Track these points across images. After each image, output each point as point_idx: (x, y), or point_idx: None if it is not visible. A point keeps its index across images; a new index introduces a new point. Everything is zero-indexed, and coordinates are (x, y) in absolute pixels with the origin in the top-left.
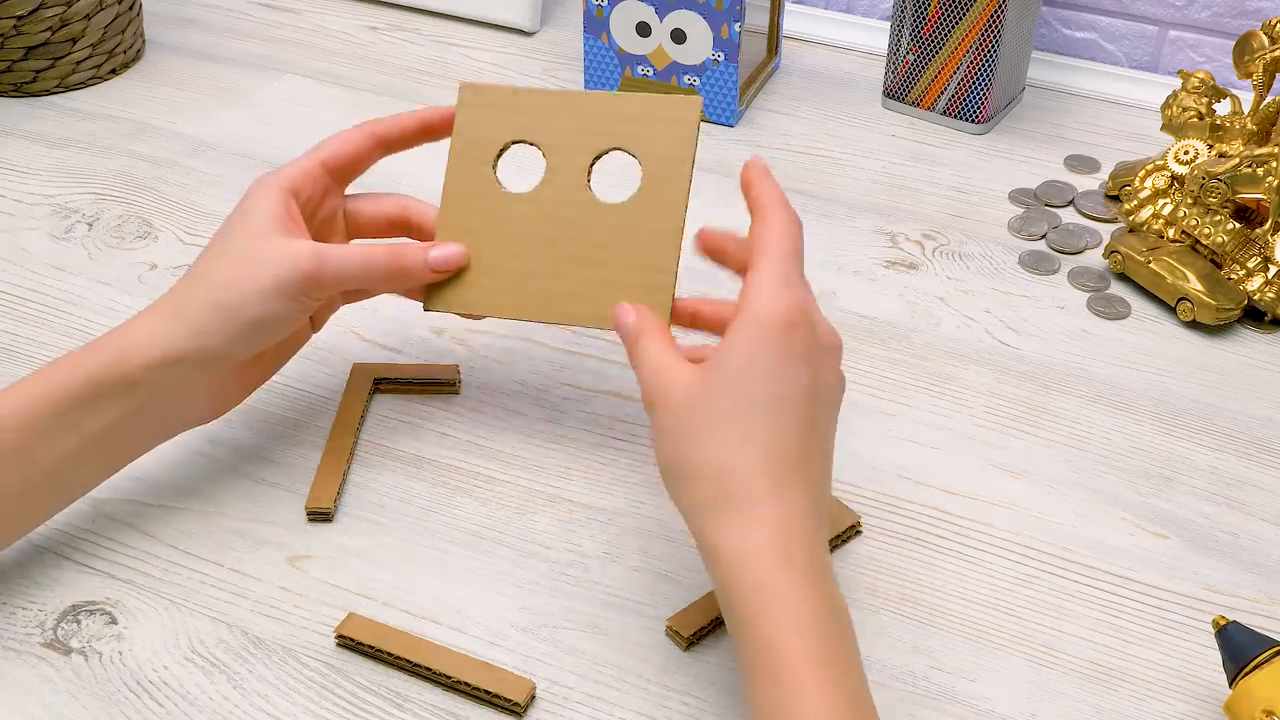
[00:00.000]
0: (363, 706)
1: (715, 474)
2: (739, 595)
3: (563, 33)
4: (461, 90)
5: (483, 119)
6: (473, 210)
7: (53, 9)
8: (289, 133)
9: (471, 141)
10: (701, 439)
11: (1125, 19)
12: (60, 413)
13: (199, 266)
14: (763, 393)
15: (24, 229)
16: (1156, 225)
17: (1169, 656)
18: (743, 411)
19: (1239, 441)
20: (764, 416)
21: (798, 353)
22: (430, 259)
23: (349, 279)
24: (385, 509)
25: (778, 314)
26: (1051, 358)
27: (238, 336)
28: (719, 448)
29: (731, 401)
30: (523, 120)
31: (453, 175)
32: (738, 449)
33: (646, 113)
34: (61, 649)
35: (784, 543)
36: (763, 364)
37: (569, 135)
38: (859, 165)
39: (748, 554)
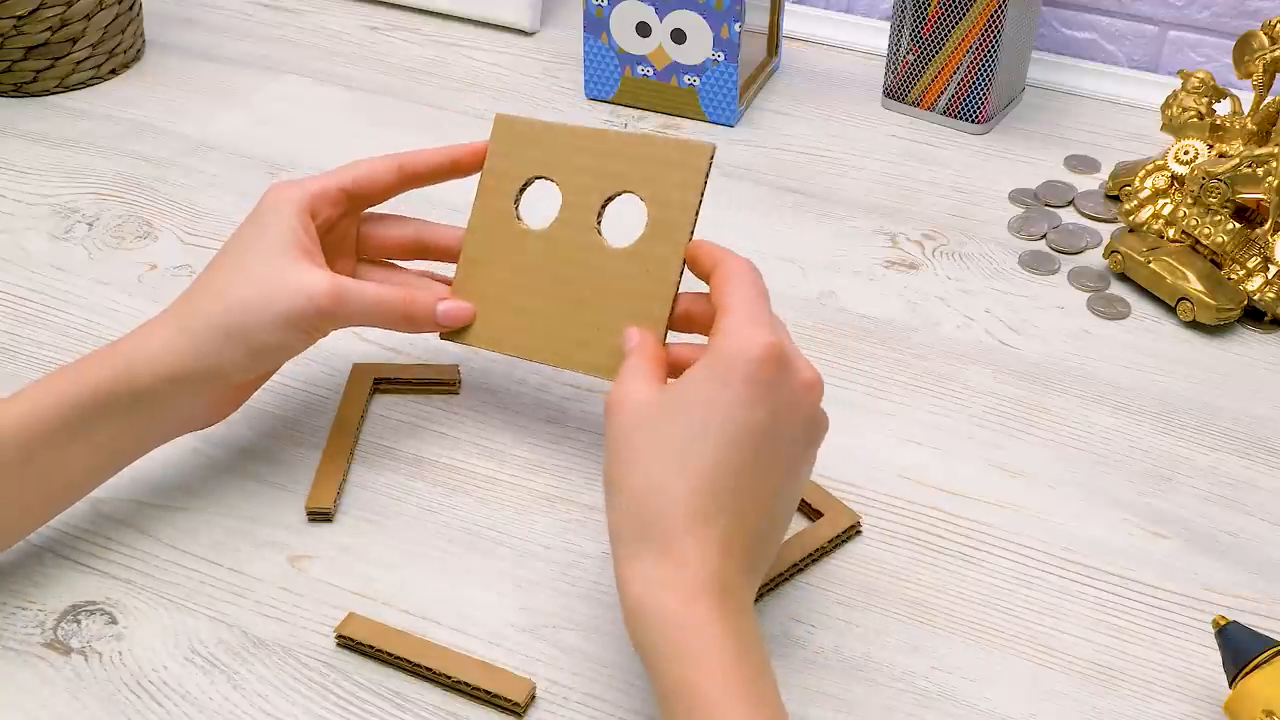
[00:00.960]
0: (363, 706)
1: (640, 498)
2: (648, 632)
3: (563, 33)
4: (496, 120)
5: (511, 151)
6: (493, 243)
7: (53, 9)
8: (289, 133)
9: (499, 174)
10: (638, 460)
11: (1125, 19)
12: (64, 424)
13: (212, 279)
14: (711, 428)
15: (24, 229)
16: (1156, 225)
17: (1169, 656)
18: (684, 444)
19: (1239, 441)
20: (704, 452)
21: (760, 394)
22: (439, 313)
23: (360, 319)
24: (385, 509)
25: (746, 352)
26: (1051, 358)
27: (243, 361)
28: (650, 475)
29: (676, 430)
30: (547, 156)
31: (479, 206)
32: (668, 478)
33: (659, 156)
34: (61, 649)
35: (696, 581)
36: (720, 400)
37: (586, 174)
38: (859, 165)
39: (658, 588)
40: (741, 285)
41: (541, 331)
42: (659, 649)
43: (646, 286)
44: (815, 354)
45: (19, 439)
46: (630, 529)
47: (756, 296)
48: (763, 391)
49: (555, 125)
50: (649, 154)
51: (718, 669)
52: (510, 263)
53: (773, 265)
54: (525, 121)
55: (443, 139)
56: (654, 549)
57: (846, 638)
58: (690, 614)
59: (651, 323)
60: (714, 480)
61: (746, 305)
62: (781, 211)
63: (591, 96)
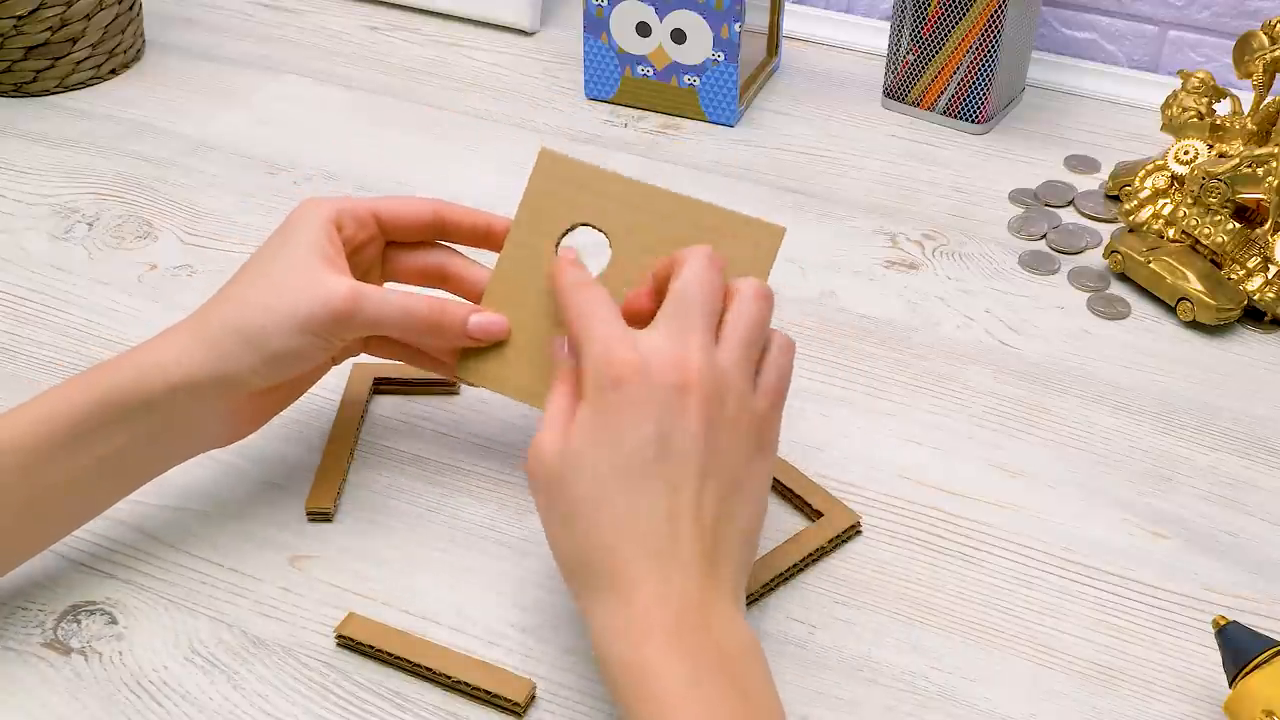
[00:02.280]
0: (363, 706)
1: (580, 567)
2: (608, 679)
3: (563, 33)
4: (540, 155)
5: (556, 190)
6: (525, 284)
7: (53, 9)
8: (289, 133)
9: (538, 212)
10: (568, 523)
11: (1125, 19)
12: (72, 433)
13: (233, 287)
14: (622, 466)
15: (24, 229)
16: (1156, 225)
17: (1169, 656)
18: (604, 493)
19: (1239, 441)
20: (615, 493)
21: (676, 418)
22: (471, 324)
23: (384, 324)
24: (385, 509)
25: (660, 378)
26: (1051, 358)
27: (258, 366)
28: (576, 537)
29: (586, 482)
30: (597, 203)
31: (513, 241)
32: (599, 540)
33: (728, 230)
34: (61, 649)
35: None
36: (603, 438)
37: (640, 231)
38: (859, 165)
39: (610, 636)
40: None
41: None
42: (621, 695)
43: None
44: (815, 354)
45: (26, 445)
46: (584, 595)
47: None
48: (677, 418)
49: (608, 173)
50: (717, 226)
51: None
52: (542, 308)
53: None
54: (574, 163)
55: (443, 139)
56: (601, 595)
57: (846, 638)
58: (640, 659)
59: None
60: (633, 515)
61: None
62: (781, 211)
63: (591, 96)
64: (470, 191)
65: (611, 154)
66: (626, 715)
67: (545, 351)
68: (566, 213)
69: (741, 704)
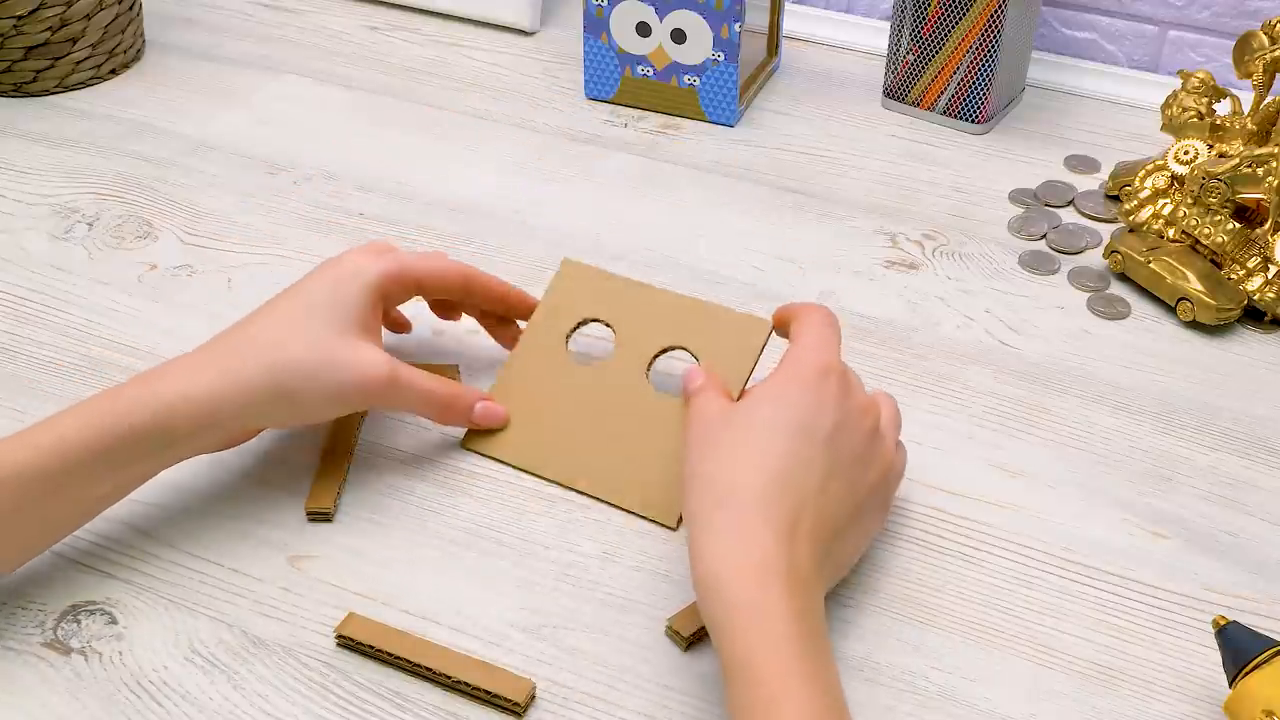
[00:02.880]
0: (363, 706)
1: (715, 480)
2: (716, 606)
3: (563, 33)
4: (563, 264)
5: (572, 290)
6: (538, 371)
7: (53, 9)
8: (289, 133)
9: (554, 309)
10: (718, 450)
11: (1125, 19)
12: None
13: (265, 329)
14: (780, 423)
15: (24, 229)
16: (1156, 225)
17: (1169, 656)
18: (759, 435)
19: (1239, 441)
20: (776, 442)
21: (825, 399)
22: (476, 410)
23: (407, 404)
24: (385, 509)
25: (813, 364)
26: (1051, 358)
27: (284, 419)
28: (726, 462)
29: (751, 425)
30: (606, 301)
31: (530, 334)
32: (743, 466)
33: (718, 324)
34: (61, 649)
35: (765, 561)
36: (788, 398)
37: (643, 325)
38: (859, 165)
39: (727, 563)
40: (812, 322)
41: (570, 459)
42: (725, 624)
43: None
44: None
45: (49, 469)
46: (704, 506)
47: (825, 328)
48: (826, 399)
49: (619, 277)
50: (709, 321)
51: (780, 651)
52: (551, 390)
53: (773, 265)
54: (591, 269)
55: (443, 139)
56: (726, 524)
57: (847, 638)
58: (757, 593)
59: None
60: (783, 469)
61: (815, 332)
62: (781, 211)
63: (591, 96)
64: (470, 191)
65: (611, 154)
66: (727, 646)
67: (550, 429)
68: (579, 309)
69: (835, 678)
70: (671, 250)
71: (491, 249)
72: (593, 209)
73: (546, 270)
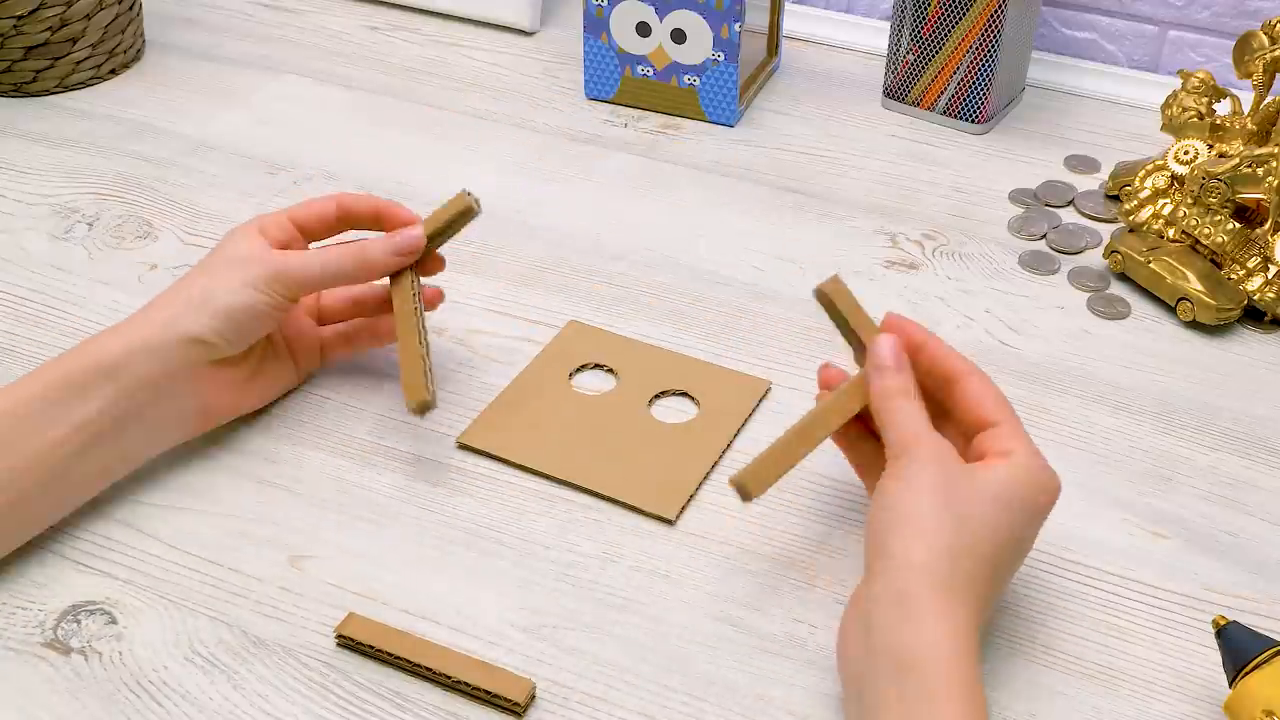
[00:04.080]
0: (363, 706)
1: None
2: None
3: (563, 32)
4: (567, 326)
5: (575, 341)
6: (537, 394)
7: (53, 9)
8: (289, 133)
9: (556, 355)
10: (950, 512)
11: (1125, 19)
12: (42, 403)
13: (189, 274)
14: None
15: (24, 229)
16: (1156, 225)
17: (1169, 656)
18: (983, 533)
19: (1239, 441)
20: (995, 552)
21: (1040, 523)
22: (394, 245)
23: (316, 271)
24: (385, 509)
25: (1047, 493)
26: (1051, 358)
27: (213, 323)
28: (960, 536)
29: (980, 517)
30: (609, 352)
31: (529, 372)
32: (968, 552)
33: (720, 379)
34: (61, 649)
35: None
36: (1018, 522)
37: (646, 371)
38: (859, 165)
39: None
40: (1006, 404)
41: (567, 453)
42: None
43: (688, 459)
44: (816, 354)
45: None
46: (937, 574)
47: (1018, 418)
48: (1042, 521)
49: (621, 336)
50: (711, 375)
51: None
52: (553, 410)
53: (773, 265)
54: (594, 329)
55: (443, 139)
56: (953, 602)
57: None
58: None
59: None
60: (995, 577)
61: (1023, 431)
62: (781, 211)
63: (591, 96)
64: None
65: (611, 154)
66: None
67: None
68: (583, 352)
69: None
70: (671, 250)
71: (491, 249)
72: (593, 209)
73: (547, 270)
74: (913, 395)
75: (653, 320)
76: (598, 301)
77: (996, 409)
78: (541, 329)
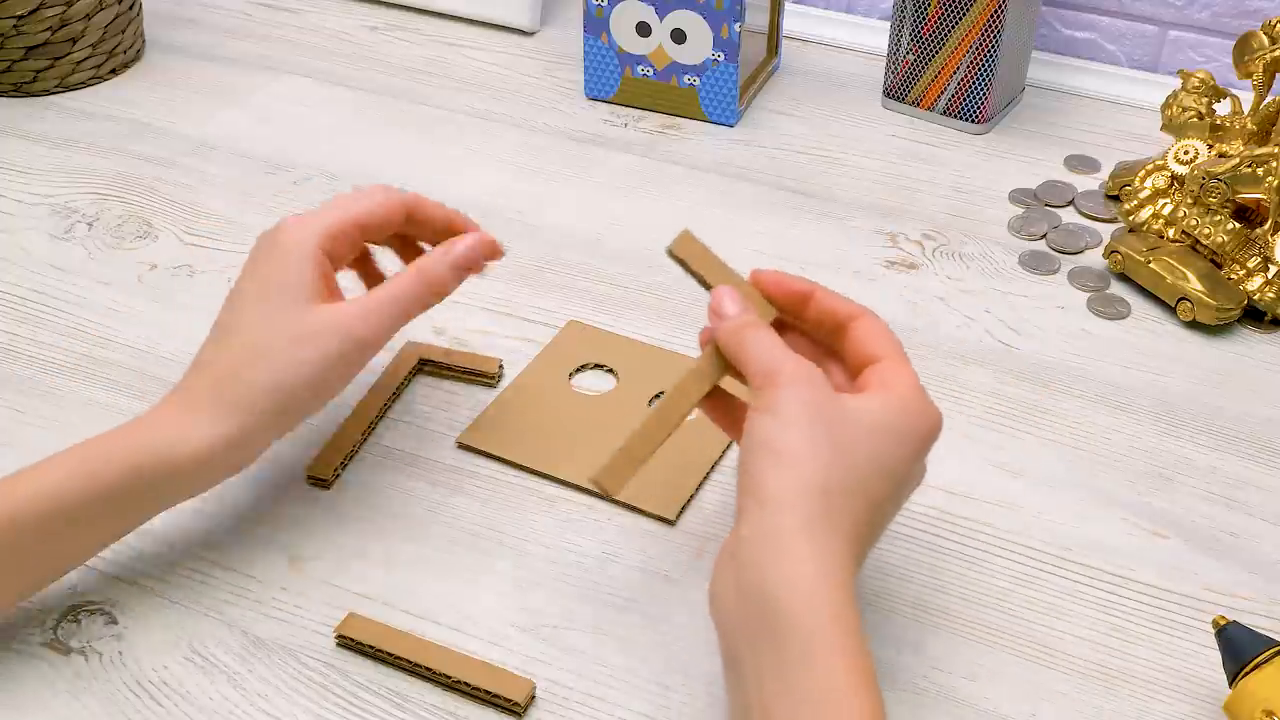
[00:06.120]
0: (363, 706)
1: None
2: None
3: (563, 32)
4: (568, 324)
5: (575, 341)
6: (537, 395)
7: (53, 9)
8: (289, 133)
9: (555, 356)
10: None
11: (1125, 19)
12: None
13: (243, 340)
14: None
15: (24, 229)
16: (1156, 225)
17: (1169, 656)
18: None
19: (1239, 441)
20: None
21: (922, 457)
22: (453, 258)
23: (395, 327)
24: (385, 509)
25: (929, 427)
26: (1051, 358)
27: (290, 426)
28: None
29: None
30: (609, 351)
31: (529, 372)
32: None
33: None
34: (61, 649)
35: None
36: (899, 454)
37: (646, 371)
38: (859, 165)
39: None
40: (894, 340)
41: (567, 452)
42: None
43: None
44: None
45: (39, 514)
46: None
47: (905, 353)
48: (922, 456)
49: (622, 336)
50: None
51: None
52: (551, 406)
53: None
54: (596, 330)
55: (443, 139)
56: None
57: None
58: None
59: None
60: (875, 514)
61: (909, 364)
62: (781, 211)
63: (591, 96)
64: (470, 191)
65: (611, 154)
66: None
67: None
68: (581, 357)
69: None
70: None
71: None
72: (593, 209)
73: (546, 270)
74: (761, 325)
75: (652, 320)
76: (598, 301)
77: (882, 345)
78: (541, 329)
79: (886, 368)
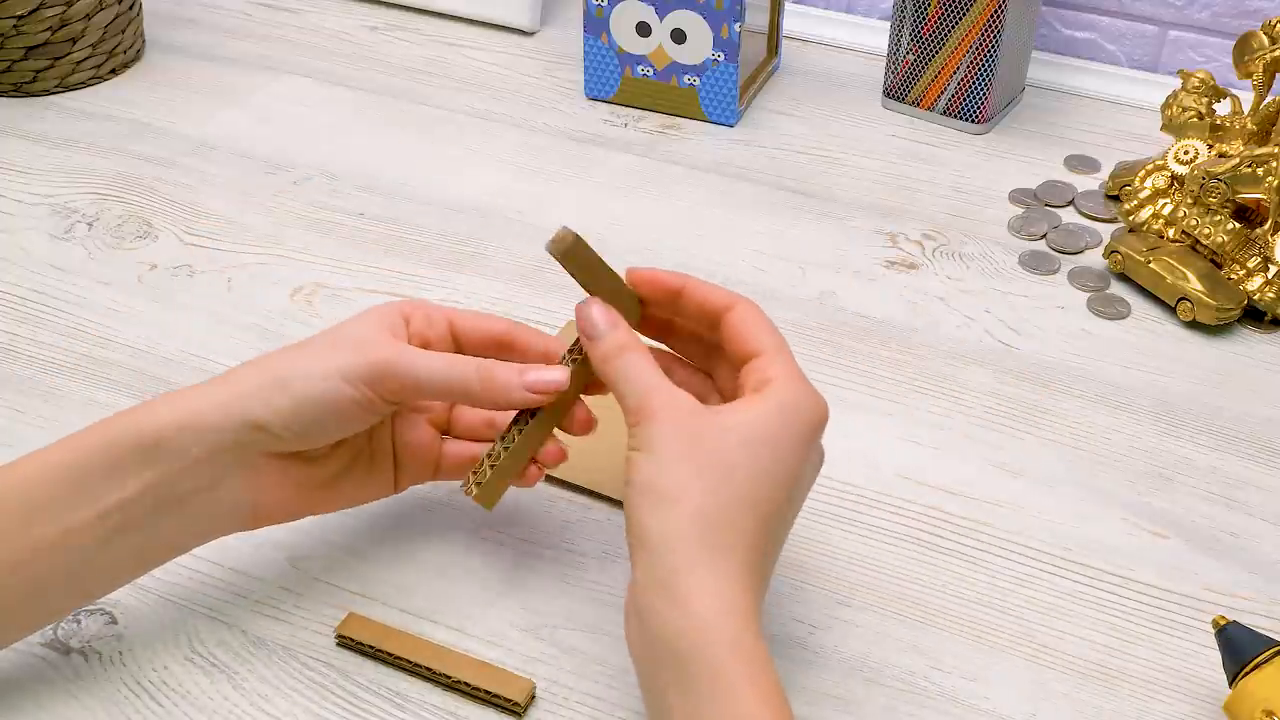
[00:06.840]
0: (363, 706)
1: (708, 518)
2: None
3: (563, 32)
4: (567, 326)
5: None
6: None
7: (53, 9)
8: (289, 133)
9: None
10: (699, 476)
11: (1125, 19)
12: (71, 479)
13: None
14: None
15: (24, 229)
16: (1156, 225)
17: (1169, 656)
18: (751, 481)
19: (1239, 441)
20: (772, 498)
21: (811, 450)
22: (527, 380)
23: (426, 381)
24: (385, 509)
25: (811, 416)
26: (1051, 358)
27: (282, 410)
28: (718, 497)
29: (741, 464)
30: None
31: None
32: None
33: None
34: (61, 649)
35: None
36: (783, 455)
37: None
38: (859, 165)
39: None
40: (771, 331)
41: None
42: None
43: None
44: (815, 354)
45: (22, 488)
46: (695, 543)
47: (784, 343)
48: (813, 448)
49: None
50: None
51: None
52: None
53: (773, 265)
54: None
55: (443, 139)
56: (720, 569)
57: (846, 638)
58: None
59: None
60: (771, 524)
61: (787, 356)
62: (781, 211)
63: (591, 96)
64: (470, 191)
65: (611, 154)
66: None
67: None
68: None
69: None
70: (671, 250)
71: (491, 249)
72: (593, 209)
73: (546, 270)
74: (633, 348)
75: None
76: None
77: (759, 338)
78: (541, 329)
79: (764, 364)
